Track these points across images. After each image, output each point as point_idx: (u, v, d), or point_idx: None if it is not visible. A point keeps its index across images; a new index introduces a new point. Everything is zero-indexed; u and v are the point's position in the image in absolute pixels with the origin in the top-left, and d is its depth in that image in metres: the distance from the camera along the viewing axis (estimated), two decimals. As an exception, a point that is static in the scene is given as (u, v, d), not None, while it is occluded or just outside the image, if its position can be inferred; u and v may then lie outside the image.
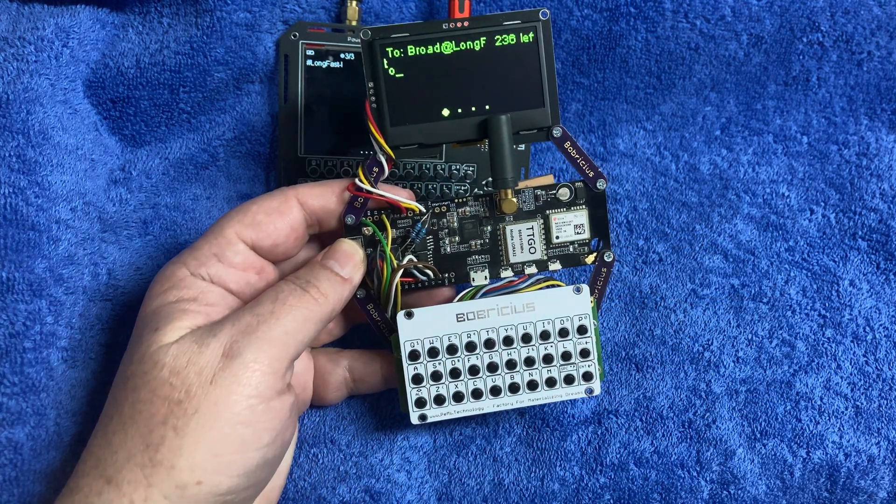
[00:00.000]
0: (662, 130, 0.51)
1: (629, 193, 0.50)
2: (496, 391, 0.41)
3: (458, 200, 0.42)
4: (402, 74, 0.38)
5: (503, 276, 0.42)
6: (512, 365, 0.41)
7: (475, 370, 0.41)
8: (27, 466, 0.40)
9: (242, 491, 0.35)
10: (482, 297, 0.41)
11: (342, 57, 0.46)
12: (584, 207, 0.42)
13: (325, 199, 0.40)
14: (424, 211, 0.41)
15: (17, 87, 0.41)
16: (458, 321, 0.41)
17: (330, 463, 0.44)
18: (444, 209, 0.42)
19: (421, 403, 0.41)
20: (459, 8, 0.42)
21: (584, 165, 0.41)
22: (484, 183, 0.48)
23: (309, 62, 0.46)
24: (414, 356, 0.41)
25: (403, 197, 0.41)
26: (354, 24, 0.46)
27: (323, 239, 0.43)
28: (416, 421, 0.41)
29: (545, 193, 0.42)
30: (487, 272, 0.42)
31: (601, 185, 0.42)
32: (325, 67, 0.46)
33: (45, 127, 0.42)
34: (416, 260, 0.42)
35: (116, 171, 0.46)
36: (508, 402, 0.41)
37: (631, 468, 0.44)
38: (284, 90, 0.47)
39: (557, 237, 0.42)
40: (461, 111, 0.39)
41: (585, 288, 0.41)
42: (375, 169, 0.40)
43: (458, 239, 0.42)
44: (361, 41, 0.38)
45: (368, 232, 0.41)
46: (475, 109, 0.39)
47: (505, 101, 0.39)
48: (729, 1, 0.48)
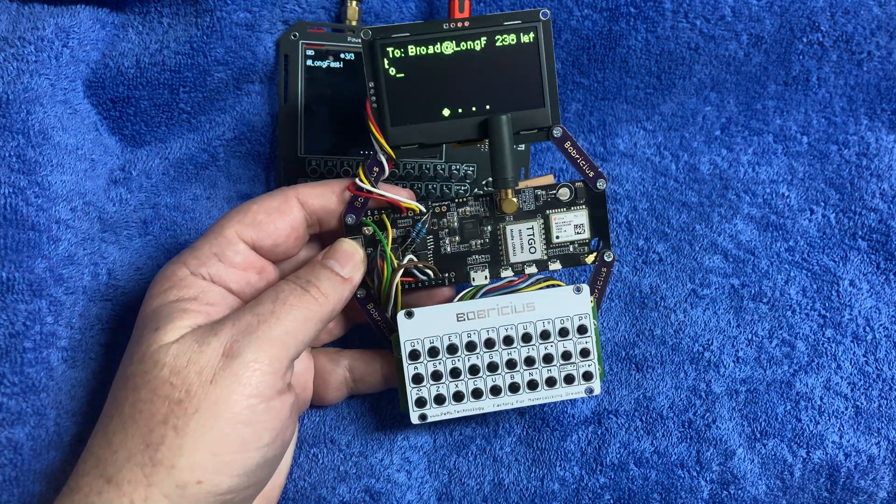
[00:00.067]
0: (662, 130, 0.51)
1: (629, 193, 0.50)
2: (496, 391, 0.41)
3: (458, 200, 0.42)
4: (402, 74, 0.38)
5: (503, 275, 0.42)
6: (512, 364, 0.41)
7: (475, 370, 0.41)
8: (27, 466, 0.40)
9: (242, 490, 0.35)
10: (482, 296, 0.41)
11: (342, 57, 0.46)
12: (584, 207, 0.42)
13: (325, 198, 0.40)
14: (425, 211, 0.41)
15: (17, 87, 0.41)
16: (458, 321, 0.41)
17: (330, 463, 0.44)
18: (444, 209, 0.42)
19: (421, 403, 0.41)
20: (459, 8, 0.42)
21: (584, 165, 0.41)
22: (484, 183, 0.48)
23: (309, 62, 0.46)
24: (414, 356, 0.41)
25: (404, 197, 0.41)
26: (354, 24, 0.46)
27: (323, 239, 0.43)
28: (416, 420, 0.41)
29: (545, 193, 0.42)
30: (487, 272, 0.42)
31: (601, 184, 0.42)
32: (325, 67, 0.46)
33: (45, 127, 0.42)
34: (416, 260, 0.42)
35: (116, 171, 0.46)
36: (508, 401, 0.41)
37: (631, 468, 0.44)
38: (284, 90, 0.47)
39: (557, 237, 0.42)
40: (461, 111, 0.39)
41: (585, 288, 0.41)
42: (376, 169, 0.40)
43: (458, 239, 0.42)
44: (362, 41, 0.38)
45: (369, 232, 0.41)
46: (475, 109, 0.39)
47: (505, 101, 0.39)
48: (729, 1, 0.48)
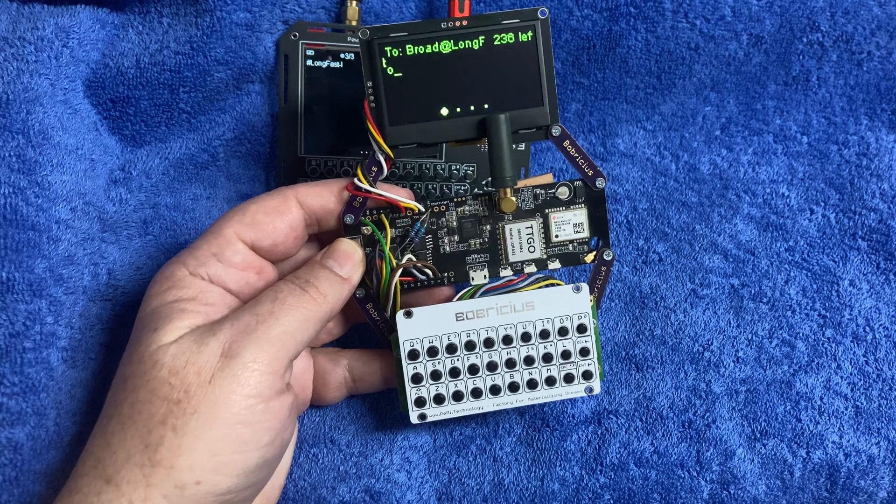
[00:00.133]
0: (662, 130, 0.51)
1: (629, 193, 0.50)
2: (496, 390, 0.41)
3: (456, 200, 0.42)
4: (400, 74, 0.38)
5: (502, 275, 0.42)
6: (511, 364, 0.41)
7: (475, 369, 0.41)
8: (27, 466, 0.40)
9: (242, 491, 0.35)
10: (481, 296, 0.41)
11: (342, 57, 0.46)
12: (583, 206, 0.42)
13: (324, 198, 0.40)
14: (423, 210, 0.41)
15: (17, 87, 0.41)
16: (457, 320, 0.41)
17: (330, 463, 0.44)
18: (443, 208, 0.42)
19: (420, 403, 0.41)
20: (459, 8, 0.42)
21: (583, 164, 0.41)
22: (484, 183, 0.48)
23: (309, 62, 0.46)
24: (413, 355, 0.41)
25: (402, 196, 0.41)
26: (354, 24, 0.46)
27: (322, 238, 0.43)
28: (415, 420, 0.41)
29: (544, 192, 0.42)
30: (487, 271, 0.42)
31: (600, 183, 0.42)
32: (325, 67, 0.46)
33: (45, 127, 0.42)
34: (415, 259, 0.42)
35: (116, 171, 0.46)
36: (508, 401, 0.41)
37: (631, 468, 0.44)
38: (284, 90, 0.47)
39: (557, 236, 0.42)
40: (460, 110, 0.39)
41: (585, 286, 0.41)
42: (374, 168, 0.40)
43: (457, 238, 0.42)
44: (360, 40, 0.38)
45: (367, 231, 0.41)
46: (474, 108, 0.39)
47: (504, 99, 0.39)
48: (729, 1, 0.48)
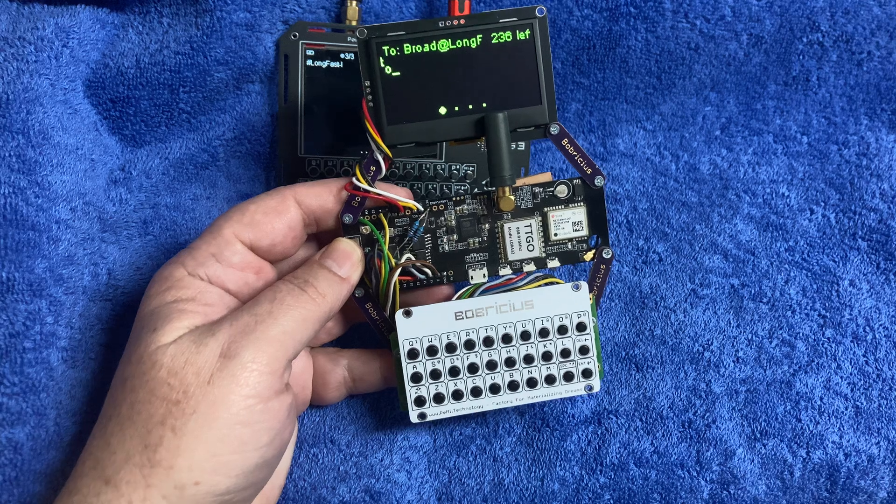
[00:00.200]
0: (662, 130, 0.51)
1: (629, 193, 0.50)
2: (495, 389, 0.41)
3: (455, 199, 0.42)
4: (398, 73, 0.38)
5: (502, 273, 0.42)
6: (511, 363, 0.41)
7: (474, 368, 0.41)
8: (27, 466, 0.40)
9: (241, 491, 0.35)
10: (481, 295, 0.41)
11: (342, 57, 0.47)
12: (582, 204, 0.42)
13: (322, 198, 0.40)
14: (422, 209, 0.41)
15: (17, 87, 0.41)
16: (456, 319, 0.41)
17: (330, 463, 0.44)
18: (441, 207, 0.42)
19: (420, 402, 0.41)
20: (459, 7, 0.42)
21: (581, 162, 0.41)
22: (484, 183, 0.48)
23: (309, 62, 0.46)
24: (413, 355, 0.41)
25: (401, 195, 0.41)
26: (354, 24, 0.46)
27: (321, 238, 0.43)
28: (415, 419, 0.41)
29: (543, 191, 0.42)
30: (486, 270, 0.42)
31: (599, 181, 0.42)
32: (324, 67, 0.47)
33: (45, 127, 0.42)
34: (414, 258, 0.42)
35: (116, 171, 0.46)
36: (508, 399, 0.41)
37: (631, 468, 0.44)
38: (284, 90, 0.47)
39: (556, 234, 0.42)
40: (458, 109, 0.39)
41: (584, 285, 0.41)
42: (372, 168, 0.40)
43: (456, 237, 0.42)
44: (358, 40, 0.38)
45: (366, 231, 0.41)
46: (472, 107, 0.39)
47: (502, 98, 0.39)
48: (729, 1, 0.48)
